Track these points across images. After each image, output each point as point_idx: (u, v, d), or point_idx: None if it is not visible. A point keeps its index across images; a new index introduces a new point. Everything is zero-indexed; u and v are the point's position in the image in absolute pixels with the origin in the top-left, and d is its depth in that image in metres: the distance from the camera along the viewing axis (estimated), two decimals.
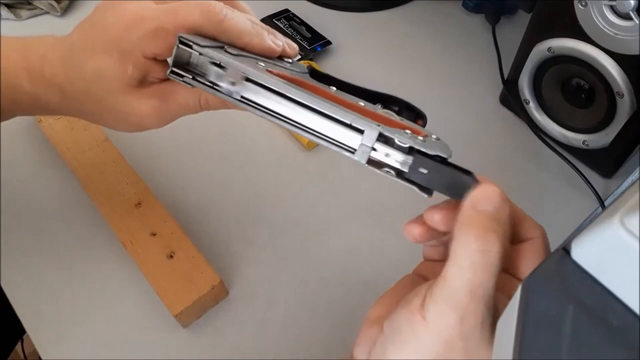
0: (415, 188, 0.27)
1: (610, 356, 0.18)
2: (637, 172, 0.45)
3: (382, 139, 0.26)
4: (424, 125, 0.36)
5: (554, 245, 0.51)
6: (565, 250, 0.20)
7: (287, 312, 0.44)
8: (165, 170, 0.51)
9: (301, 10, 0.66)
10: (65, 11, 0.66)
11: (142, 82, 0.34)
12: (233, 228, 0.48)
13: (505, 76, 0.57)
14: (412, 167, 0.26)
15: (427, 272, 0.33)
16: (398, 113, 0.36)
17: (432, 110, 0.59)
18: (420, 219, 0.28)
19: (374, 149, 0.27)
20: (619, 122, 0.48)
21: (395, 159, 0.27)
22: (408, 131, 0.27)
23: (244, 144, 0.54)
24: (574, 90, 0.51)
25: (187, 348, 0.42)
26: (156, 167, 0.51)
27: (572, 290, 0.19)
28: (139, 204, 0.46)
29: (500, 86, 0.58)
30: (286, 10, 0.66)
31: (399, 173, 0.27)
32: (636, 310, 0.18)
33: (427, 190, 0.27)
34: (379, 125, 0.26)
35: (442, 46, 0.65)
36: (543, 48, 0.49)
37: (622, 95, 0.46)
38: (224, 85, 0.29)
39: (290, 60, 0.36)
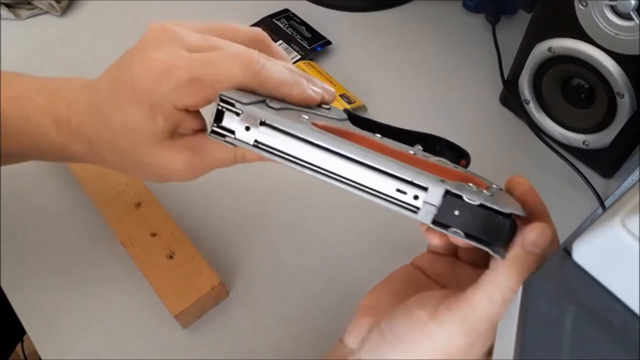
0: (487, 249, 0.25)
1: (611, 356, 0.18)
2: (637, 172, 0.45)
3: (450, 196, 0.24)
4: (467, 165, 0.35)
5: None
6: (566, 251, 0.20)
7: (287, 313, 0.44)
8: None
9: (301, 10, 0.66)
10: (65, 11, 0.66)
11: (173, 134, 0.32)
12: (233, 228, 0.48)
13: (505, 76, 0.57)
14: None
15: (427, 267, 0.33)
16: (439, 152, 0.34)
17: (432, 110, 0.59)
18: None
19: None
20: (619, 122, 0.48)
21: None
22: (471, 184, 0.26)
23: None
24: (574, 90, 0.51)
25: (187, 348, 0.42)
26: None
27: (573, 291, 0.19)
28: (139, 204, 0.46)
29: (500, 86, 0.58)
30: (286, 10, 0.66)
31: (469, 235, 0.25)
32: (636, 310, 0.18)
33: (499, 251, 0.25)
34: (443, 181, 0.25)
35: (442, 46, 0.65)
36: (543, 48, 0.49)
37: (622, 95, 0.46)
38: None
39: (327, 106, 0.34)
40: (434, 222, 0.25)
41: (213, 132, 0.28)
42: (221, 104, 0.28)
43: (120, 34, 0.64)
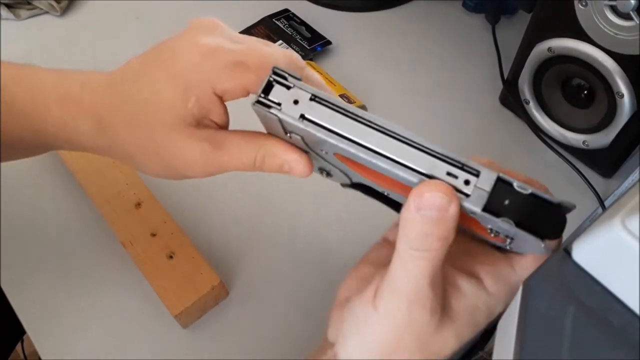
0: (532, 236, 0.24)
1: (611, 356, 0.18)
2: (637, 172, 0.45)
3: (501, 183, 0.24)
4: None
5: None
6: (566, 251, 0.20)
7: (287, 313, 0.44)
8: None
9: (301, 10, 0.66)
10: (65, 11, 0.66)
11: (198, 123, 0.30)
12: (233, 228, 0.48)
13: (505, 76, 0.57)
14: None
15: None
16: None
17: (432, 110, 0.59)
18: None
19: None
20: (619, 122, 0.48)
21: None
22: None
23: None
24: (574, 90, 0.51)
25: (187, 348, 0.42)
26: None
27: (573, 291, 0.19)
28: (139, 204, 0.46)
29: (500, 86, 0.58)
30: (286, 10, 0.66)
31: (520, 223, 0.24)
32: (636, 310, 0.18)
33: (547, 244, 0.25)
34: (495, 170, 0.24)
35: (442, 46, 0.65)
36: (543, 48, 0.49)
37: (622, 95, 0.46)
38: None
39: None
40: (485, 208, 0.24)
41: (259, 102, 0.27)
42: (273, 76, 0.27)
43: (120, 34, 0.64)
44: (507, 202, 0.24)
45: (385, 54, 0.64)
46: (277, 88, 0.27)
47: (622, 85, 0.46)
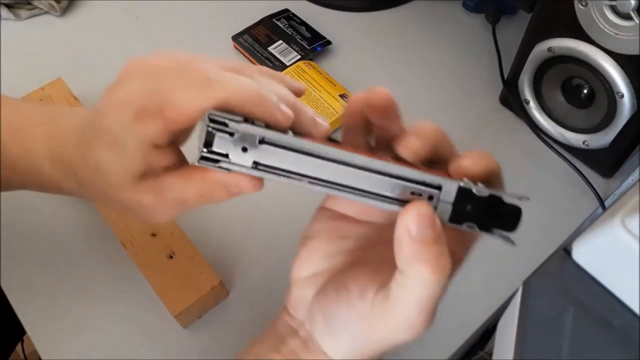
0: (500, 238, 0.26)
1: (611, 356, 0.18)
2: (637, 172, 0.45)
3: (462, 191, 0.25)
4: None
5: (554, 245, 0.51)
6: (566, 251, 0.20)
7: None
8: None
9: (301, 10, 0.66)
10: (65, 11, 0.66)
11: (145, 175, 0.28)
12: (233, 229, 0.48)
13: (505, 76, 0.57)
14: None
15: (344, 206, 0.32)
16: None
17: (432, 110, 0.59)
18: None
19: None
20: (619, 122, 0.48)
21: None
22: (465, 179, 0.26)
23: None
24: (574, 90, 0.51)
25: (187, 348, 0.42)
26: None
27: (573, 291, 0.19)
28: None
29: (500, 86, 0.58)
30: (286, 10, 0.66)
31: (482, 226, 0.26)
32: (637, 310, 0.18)
33: (510, 241, 0.26)
34: (450, 179, 0.25)
35: (442, 46, 0.65)
36: (543, 48, 0.49)
37: (622, 95, 0.46)
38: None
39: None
40: (450, 219, 0.25)
41: (203, 158, 0.25)
42: (211, 124, 0.25)
43: (120, 34, 0.64)
44: (469, 207, 0.26)
45: (385, 54, 0.64)
46: (219, 137, 0.25)
47: (622, 85, 0.46)
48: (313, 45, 0.61)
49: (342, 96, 0.56)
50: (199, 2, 0.67)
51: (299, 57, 0.60)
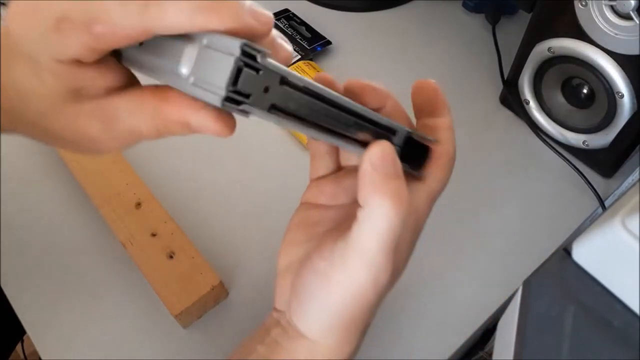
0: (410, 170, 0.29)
1: (611, 356, 0.18)
2: (637, 172, 0.46)
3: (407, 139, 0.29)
4: None
5: (554, 245, 0.51)
6: (566, 251, 0.20)
7: None
8: (165, 170, 0.51)
9: (301, 10, 0.66)
10: None
11: (78, 95, 0.24)
12: (233, 228, 0.48)
13: (505, 76, 0.57)
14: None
15: (315, 195, 0.33)
16: None
17: None
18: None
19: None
20: (619, 122, 0.48)
21: None
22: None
23: (244, 144, 0.54)
24: (574, 90, 0.51)
25: (187, 348, 0.42)
26: (156, 167, 0.51)
27: (573, 291, 0.19)
28: (139, 204, 0.46)
29: (500, 86, 0.58)
30: (286, 10, 0.66)
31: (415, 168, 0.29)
32: (637, 310, 0.18)
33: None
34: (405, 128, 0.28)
35: (442, 46, 0.65)
36: (543, 48, 0.49)
37: (622, 96, 0.46)
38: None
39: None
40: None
41: (229, 99, 0.21)
42: (244, 58, 0.20)
43: None
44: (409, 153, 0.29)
45: (385, 54, 0.64)
46: (245, 74, 0.21)
47: (622, 85, 0.46)
48: (313, 45, 0.62)
49: None
50: None
51: (299, 57, 0.60)
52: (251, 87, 0.21)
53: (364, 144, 0.27)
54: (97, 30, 0.21)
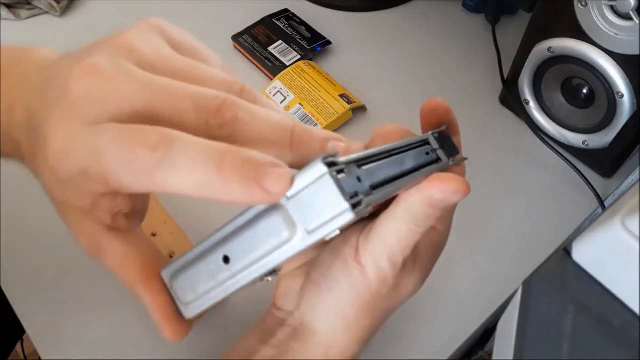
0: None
1: (611, 356, 0.18)
2: (637, 172, 0.45)
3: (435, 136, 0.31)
4: None
5: (554, 245, 0.51)
6: (566, 251, 0.20)
7: None
8: None
9: (301, 10, 0.66)
10: (65, 11, 0.66)
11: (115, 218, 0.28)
12: None
13: (505, 76, 0.57)
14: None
15: None
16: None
17: None
18: None
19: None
20: (619, 122, 0.48)
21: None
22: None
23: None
24: (574, 90, 0.51)
25: (187, 348, 0.42)
26: None
27: (573, 291, 0.19)
28: None
29: (500, 86, 0.58)
30: (286, 10, 0.66)
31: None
32: (636, 310, 0.18)
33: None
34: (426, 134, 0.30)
35: (442, 46, 0.65)
36: (543, 48, 0.50)
37: (622, 96, 0.46)
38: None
39: None
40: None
41: (355, 206, 0.21)
42: (333, 170, 0.21)
43: None
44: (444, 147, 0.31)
45: (385, 54, 0.64)
46: (343, 180, 0.21)
47: (622, 85, 0.46)
48: (313, 45, 0.62)
49: (342, 96, 0.56)
50: (199, 2, 0.67)
51: (299, 57, 0.60)
52: (351, 185, 0.21)
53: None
54: (114, 185, 0.23)
